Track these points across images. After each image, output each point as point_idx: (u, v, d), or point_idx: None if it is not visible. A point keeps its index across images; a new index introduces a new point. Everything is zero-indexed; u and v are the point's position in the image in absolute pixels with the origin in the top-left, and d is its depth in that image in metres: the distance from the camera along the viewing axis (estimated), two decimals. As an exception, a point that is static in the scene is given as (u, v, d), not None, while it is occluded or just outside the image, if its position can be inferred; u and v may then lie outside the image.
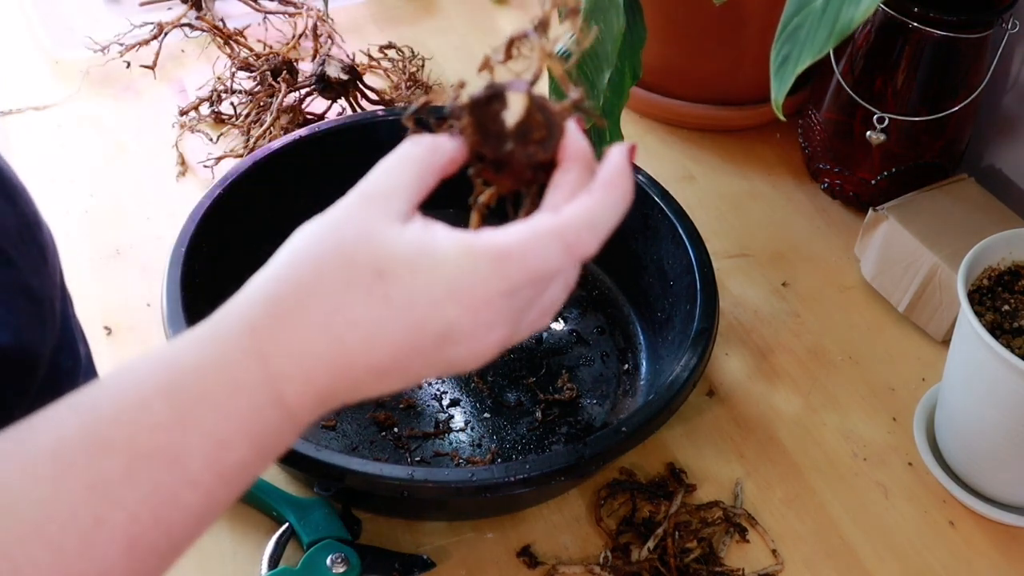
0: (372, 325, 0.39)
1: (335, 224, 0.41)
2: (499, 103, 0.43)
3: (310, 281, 0.39)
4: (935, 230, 0.86)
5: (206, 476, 0.38)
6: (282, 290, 0.40)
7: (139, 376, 0.38)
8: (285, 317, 0.39)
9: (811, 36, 0.55)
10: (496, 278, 0.40)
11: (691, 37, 1.01)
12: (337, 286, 0.39)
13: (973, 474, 0.75)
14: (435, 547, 0.70)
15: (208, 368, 0.38)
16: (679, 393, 0.69)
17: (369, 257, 0.39)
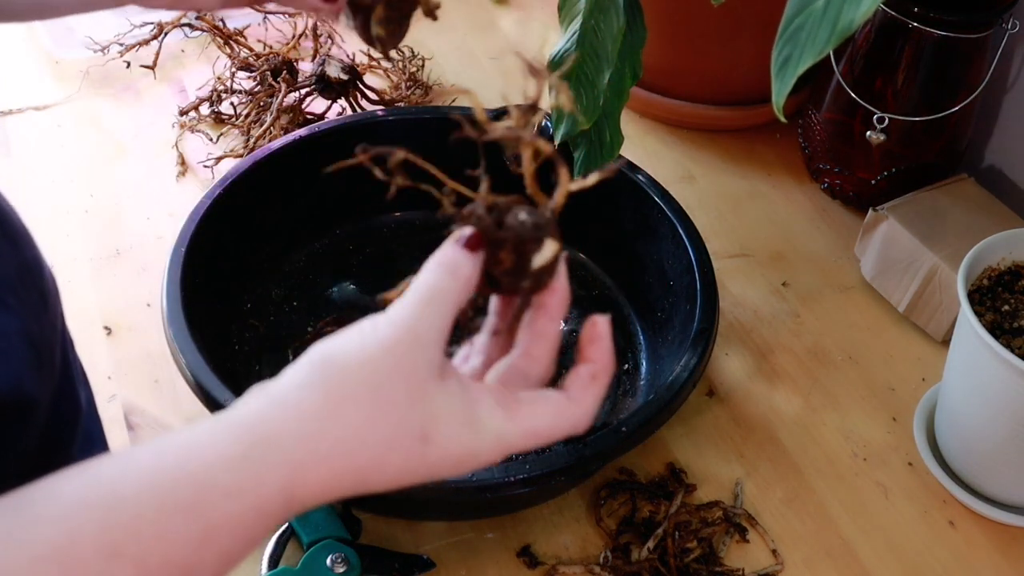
0: (400, 474, 0.41)
1: (384, 369, 0.40)
2: (535, 243, 0.44)
3: (358, 429, 0.39)
4: (935, 230, 0.86)
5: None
6: (329, 434, 0.39)
7: (163, 481, 0.37)
8: (325, 462, 0.39)
9: (812, 37, 0.55)
10: (511, 448, 0.43)
11: (691, 37, 1.01)
12: (383, 441, 0.40)
13: (973, 474, 0.75)
14: (435, 547, 0.70)
15: (238, 494, 0.38)
16: (679, 393, 0.69)
17: (419, 419, 0.40)
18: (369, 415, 0.39)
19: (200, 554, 0.37)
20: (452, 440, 0.41)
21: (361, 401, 0.39)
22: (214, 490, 0.37)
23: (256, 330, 0.82)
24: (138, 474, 0.37)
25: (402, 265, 0.90)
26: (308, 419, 0.39)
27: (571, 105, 0.49)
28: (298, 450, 0.39)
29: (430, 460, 0.41)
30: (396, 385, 0.40)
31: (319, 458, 0.39)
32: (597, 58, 0.76)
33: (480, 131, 0.46)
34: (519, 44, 1.19)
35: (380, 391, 0.40)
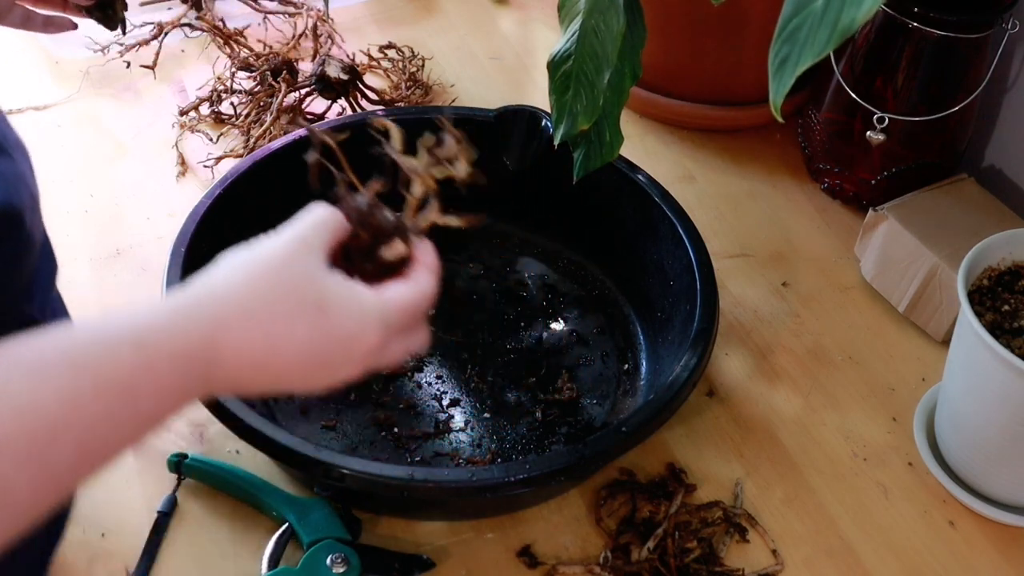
0: (306, 344, 0.51)
1: (286, 261, 0.52)
2: (388, 237, 0.58)
3: (271, 301, 0.51)
4: (935, 230, 0.86)
5: (146, 415, 0.46)
6: (249, 303, 0.50)
7: (115, 324, 0.47)
8: (245, 322, 0.50)
9: (811, 37, 0.55)
10: (392, 317, 0.55)
11: (691, 37, 1.01)
12: (289, 311, 0.51)
13: (973, 474, 0.75)
14: (435, 547, 0.70)
15: (177, 334, 0.47)
16: (679, 393, 0.69)
17: (316, 294, 0.52)
18: (276, 288, 0.51)
19: (140, 381, 0.45)
20: (343, 313, 0.52)
21: (269, 278, 0.51)
22: (155, 330, 0.47)
23: (256, 330, 0.82)
24: (95, 319, 0.47)
25: (402, 265, 0.90)
26: (229, 289, 0.50)
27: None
28: (220, 309, 0.49)
29: (330, 333, 0.51)
30: (295, 268, 0.52)
31: (239, 315, 0.49)
32: (597, 58, 0.75)
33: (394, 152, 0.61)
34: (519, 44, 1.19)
35: (283, 272, 0.51)
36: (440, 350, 0.83)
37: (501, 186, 0.91)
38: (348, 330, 0.52)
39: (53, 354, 0.44)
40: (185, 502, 0.72)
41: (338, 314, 0.52)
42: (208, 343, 0.48)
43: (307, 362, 0.51)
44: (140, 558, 0.68)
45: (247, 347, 0.49)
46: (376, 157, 0.60)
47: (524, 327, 0.86)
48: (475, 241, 0.93)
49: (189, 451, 0.74)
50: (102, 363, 0.44)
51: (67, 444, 0.42)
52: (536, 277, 0.90)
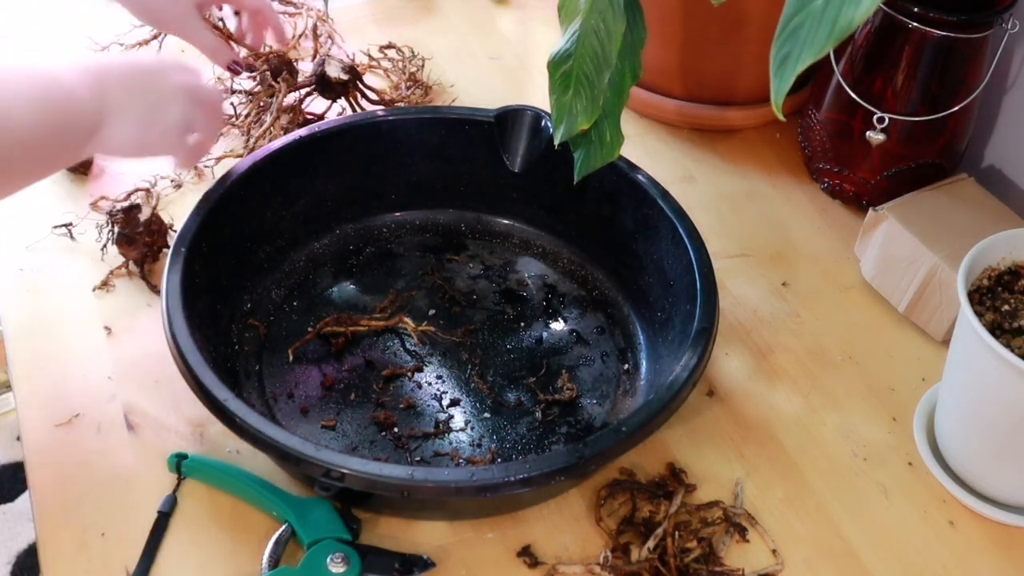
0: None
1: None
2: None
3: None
4: (935, 230, 0.86)
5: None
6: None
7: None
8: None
9: (811, 36, 0.55)
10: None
11: (691, 37, 1.01)
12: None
13: (973, 474, 0.75)
14: (435, 547, 0.70)
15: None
16: (679, 393, 0.69)
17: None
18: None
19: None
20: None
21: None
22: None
23: (256, 330, 0.83)
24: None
25: (402, 265, 0.90)
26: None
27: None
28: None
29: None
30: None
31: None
32: (597, 58, 0.76)
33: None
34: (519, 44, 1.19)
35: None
36: (440, 350, 0.83)
37: (501, 186, 0.91)
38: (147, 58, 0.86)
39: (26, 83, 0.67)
40: (185, 502, 0.72)
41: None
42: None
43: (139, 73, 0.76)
44: (140, 558, 0.68)
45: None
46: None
47: (524, 327, 0.86)
48: (475, 241, 0.93)
49: (189, 451, 0.74)
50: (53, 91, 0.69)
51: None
52: (536, 277, 0.90)
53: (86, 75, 0.72)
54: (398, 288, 0.88)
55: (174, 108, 0.77)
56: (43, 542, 0.70)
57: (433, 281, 0.89)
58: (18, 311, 0.84)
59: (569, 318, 0.87)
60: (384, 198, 0.92)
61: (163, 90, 0.77)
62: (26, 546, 1.63)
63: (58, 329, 0.83)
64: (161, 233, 0.88)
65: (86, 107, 0.71)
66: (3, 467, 1.73)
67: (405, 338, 0.84)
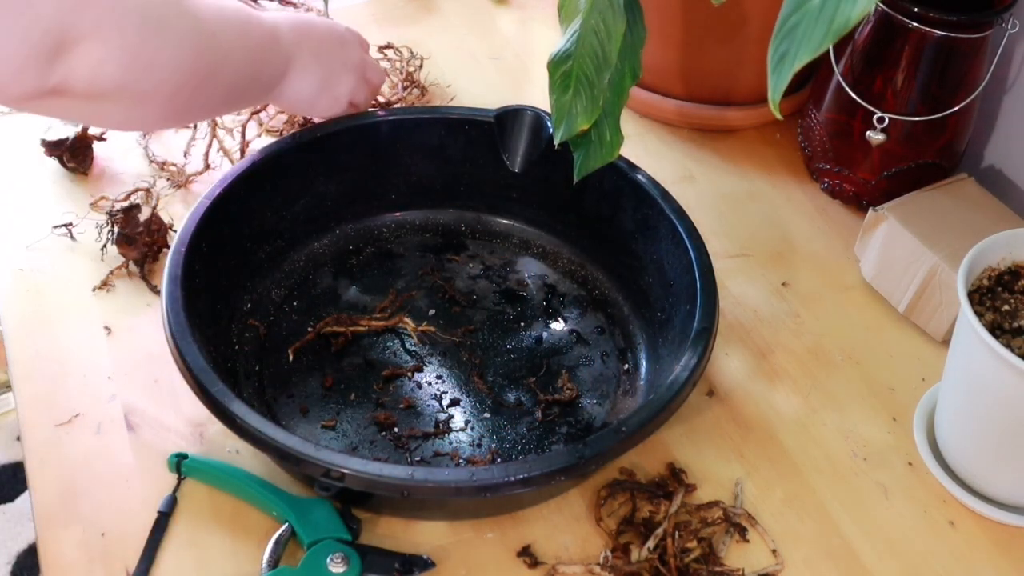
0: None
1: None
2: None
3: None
4: (935, 230, 0.86)
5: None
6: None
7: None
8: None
9: (808, 34, 0.55)
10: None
11: (691, 37, 1.01)
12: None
13: (973, 474, 0.75)
14: (435, 547, 0.70)
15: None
16: (679, 393, 0.69)
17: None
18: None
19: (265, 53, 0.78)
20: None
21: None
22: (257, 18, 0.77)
23: (256, 330, 0.83)
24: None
25: (402, 265, 0.90)
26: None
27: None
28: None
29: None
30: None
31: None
32: (597, 58, 0.76)
33: None
34: (519, 44, 1.19)
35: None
36: (440, 350, 0.83)
37: (501, 186, 0.91)
38: (332, 26, 0.85)
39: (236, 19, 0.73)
40: (185, 502, 0.72)
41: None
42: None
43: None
44: (140, 558, 0.69)
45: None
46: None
47: (524, 327, 0.86)
48: (475, 241, 0.93)
49: (189, 451, 0.74)
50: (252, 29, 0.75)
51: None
52: (536, 277, 0.90)
53: (285, 26, 0.78)
54: (398, 288, 0.88)
55: (348, 79, 0.84)
56: (43, 542, 0.70)
57: (433, 281, 0.89)
58: (18, 311, 0.84)
59: (569, 318, 0.87)
60: (384, 198, 0.92)
61: (344, 60, 0.84)
62: (26, 546, 1.63)
63: (58, 329, 0.83)
64: (161, 233, 0.88)
65: (281, 55, 0.78)
66: (3, 467, 1.73)
67: (405, 338, 0.84)
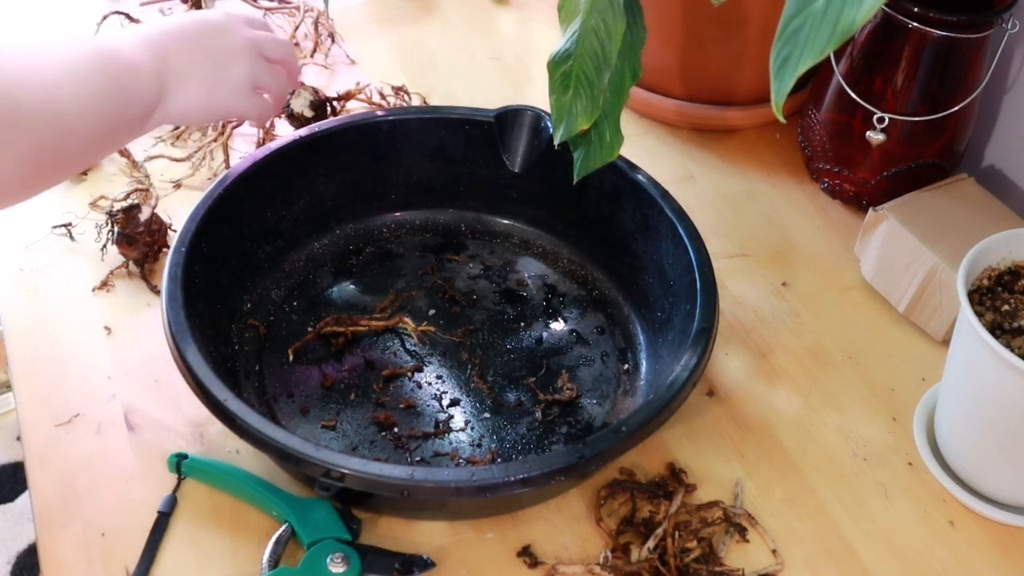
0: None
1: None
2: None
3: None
4: (935, 230, 0.86)
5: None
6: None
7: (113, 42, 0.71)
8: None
9: (812, 37, 0.55)
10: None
11: (691, 37, 1.01)
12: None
13: (973, 474, 0.75)
14: (435, 547, 0.70)
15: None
16: (679, 393, 0.69)
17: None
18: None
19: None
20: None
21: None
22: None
23: (256, 330, 0.83)
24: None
25: (402, 265, 0.90)
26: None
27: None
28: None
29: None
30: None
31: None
32: (597, 58, 0.75)
33: None
34: (519, 44, 1.19)
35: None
36: (440, 350, 0.83)
37: (501, 186, 0.91)
38: (203, 16, 0.77)
39: (81, 60, 0.66)
40: (185, 502, 0.72)
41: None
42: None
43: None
44: (140, 558, 0.69)
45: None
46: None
47: (524, 327, 0.86)
48: (475, 241, 0.93)
49: (189, 451, 0.74)
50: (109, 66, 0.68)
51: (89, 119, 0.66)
52: (536, 277, 0.90)
53: (146, 44, 0.71)
54: (398, 288, 0.88)
55: (240, 65, 0.77)
56: (43, 542, 0.70)
57: (433, 281, 0.89)
58: (18, 311, 0.84)
59: (569, 318, 0.87)
60: (384, 198, 0.92)
61: (227, 48, 0.76)
62: (26, 546, 1.63)
63: (58, 329, 0.83)
64: (161, 233, 0.88)
65: (149, 79, 0.71)
66: (3, 467, 1.73)
67: (405, 338, 0.84)
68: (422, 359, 0.82)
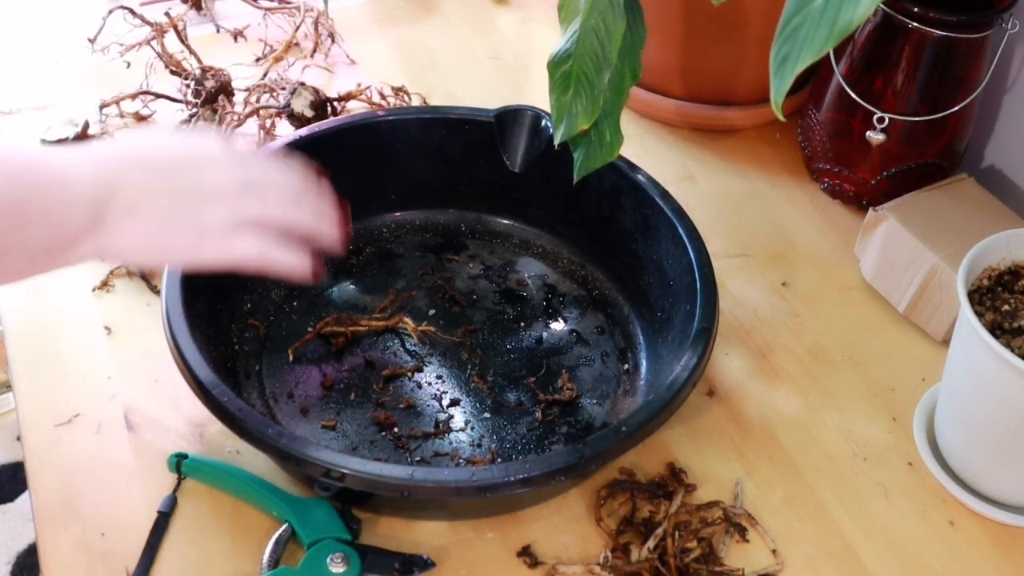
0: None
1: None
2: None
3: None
4: (935, 230, 0.86)
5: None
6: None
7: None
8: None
9: (811, 36, 0.55)
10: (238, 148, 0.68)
11: (691, 37, 1.01)
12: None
13: (973, 474, 0.75)
14: (435, 547, 0.70)
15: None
16: (679, 393, 0.69)
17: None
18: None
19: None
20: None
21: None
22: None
23: (256, 330, 0.83)
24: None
25: (402, 265, 0.90)
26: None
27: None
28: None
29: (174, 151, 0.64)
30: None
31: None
32: (597, 58, 0.76)
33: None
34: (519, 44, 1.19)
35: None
36: (440, 350, 0.83)
37: (501, 186, 0.91)
38: (190, 143, 0.65)
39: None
40: (185, 502, 0.72)
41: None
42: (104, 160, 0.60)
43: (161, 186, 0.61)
44: (140, 558, 0.68)
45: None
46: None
47: (524, 327, 0.86)
48: (475, 241, 0.93)
49: (189, 451, 0.74)
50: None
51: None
52: (536, 277, 0.90)
53: (98, 161, 0.59)
54: (398, 288, 0.88)
55: (217, 208, 0.62)
56: (43, 542, 0.70)
57: (433, 281, 0.89)
58: (18, 311, 0.84)
59: (569, 318, 0.87)
60: (384, 198, 0.92)
61: (203, 186, 0.62)
62: (26, 546, 1.63)
63: (58, 329, 0.83)
64: (161, 233, 0.88)
65: (76, 202, 0.57)
66: (3, 467, 1.73)
67: (405, 338, 0.84)
68: (422, 359, 0.82)
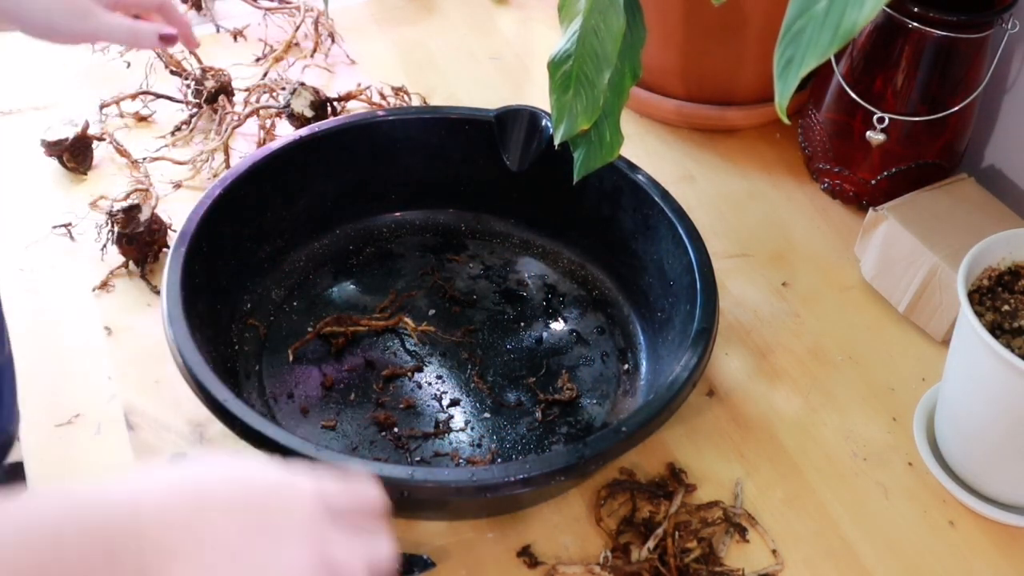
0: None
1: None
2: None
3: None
4: (935, 230, 0.86)
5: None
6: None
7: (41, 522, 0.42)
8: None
9: (814, 39, 0.55)
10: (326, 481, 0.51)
11: (691, 37, 1.01)
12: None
13: (973, 474, 0.75)
14: (435, 547, 0.70)
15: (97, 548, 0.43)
16: (679, 393, 0.69)
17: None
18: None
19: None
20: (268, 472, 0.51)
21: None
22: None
23: (256, 330, 0.83)
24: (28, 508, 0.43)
25: (402, 265, 0.90)
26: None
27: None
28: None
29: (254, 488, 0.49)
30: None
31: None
32: (597, 58, 0.76)
33: None
34: (519, 44, 1.19)
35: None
36: (440, 350, 0.83)
37: (501, 186, 0.91)
38: (274, 477, 0.49)
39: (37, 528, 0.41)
40: (185, 502, 0.72)
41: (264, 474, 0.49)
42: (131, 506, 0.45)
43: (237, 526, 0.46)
44: (140, 558, 0.68)
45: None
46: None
47: (524, 327, 0.86)
48: (475, 241, 0.93)
49: (189, 451, 0.74)
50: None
51: None
52: (536, 277, 0.90)
53: (157, 499, 0.45)
54: (398, 288, 0.88)
55: (293, 552, 0.47)
56: (43, 542, 0.69)
57: (433, 281, 0.89)
58: (18, 311, 0.84)
59: (569, 318, 0.87)
60: (384, 198, 0.92)
61: (273, 557, 0.47)
62: (26, 546, 1.62)
63: (58, 329, 0.83)
64: (161, 233, 0.88)
65: (131, 546, 0.43)
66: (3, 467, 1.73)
67: (405, 338, 0.84)
68: (422, 359, 0.82)
